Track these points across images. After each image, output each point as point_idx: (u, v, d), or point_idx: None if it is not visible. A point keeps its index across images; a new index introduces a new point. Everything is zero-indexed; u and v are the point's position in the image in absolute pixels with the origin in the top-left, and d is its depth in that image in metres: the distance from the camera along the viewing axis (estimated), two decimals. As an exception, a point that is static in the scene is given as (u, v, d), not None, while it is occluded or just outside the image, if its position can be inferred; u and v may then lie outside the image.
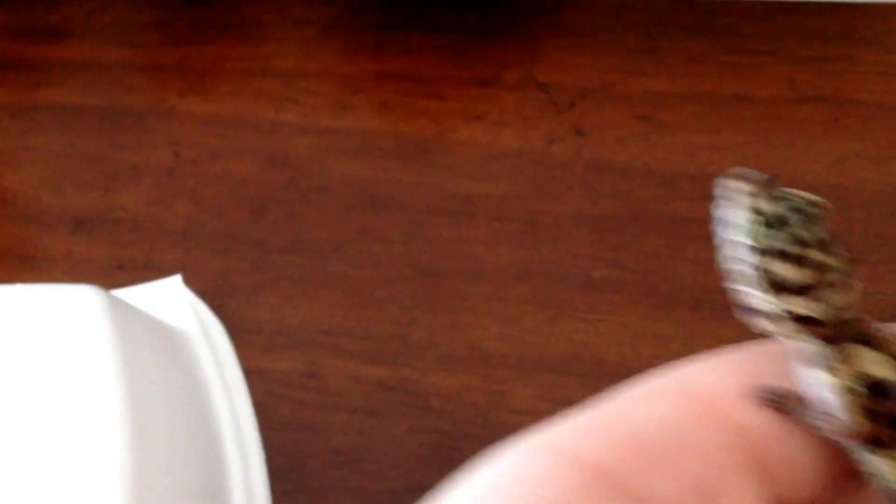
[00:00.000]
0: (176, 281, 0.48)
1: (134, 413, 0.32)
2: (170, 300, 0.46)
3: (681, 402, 0.27)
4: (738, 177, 0.29)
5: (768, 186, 0.29)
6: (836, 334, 0.28)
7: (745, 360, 0.29)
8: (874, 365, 0.28)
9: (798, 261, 0.28)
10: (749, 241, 0.28)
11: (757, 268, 0.28)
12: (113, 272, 0.51)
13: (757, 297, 0.28)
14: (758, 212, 0.28)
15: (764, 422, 0.28)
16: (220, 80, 0.58)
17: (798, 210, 0.28)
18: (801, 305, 0.28)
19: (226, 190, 0.54)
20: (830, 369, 0.29)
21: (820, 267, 0.28)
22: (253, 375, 0.47)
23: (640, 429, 0.25)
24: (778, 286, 0.28)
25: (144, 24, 0.61)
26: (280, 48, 0.59)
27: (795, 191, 0.29)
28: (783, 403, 0.28)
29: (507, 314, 0.49)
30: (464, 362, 0.48)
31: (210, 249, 0.52)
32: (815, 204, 0.28)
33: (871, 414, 0.28)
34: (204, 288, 0.49)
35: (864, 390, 0.28)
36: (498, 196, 0.53)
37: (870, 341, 0.29)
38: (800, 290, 0.28)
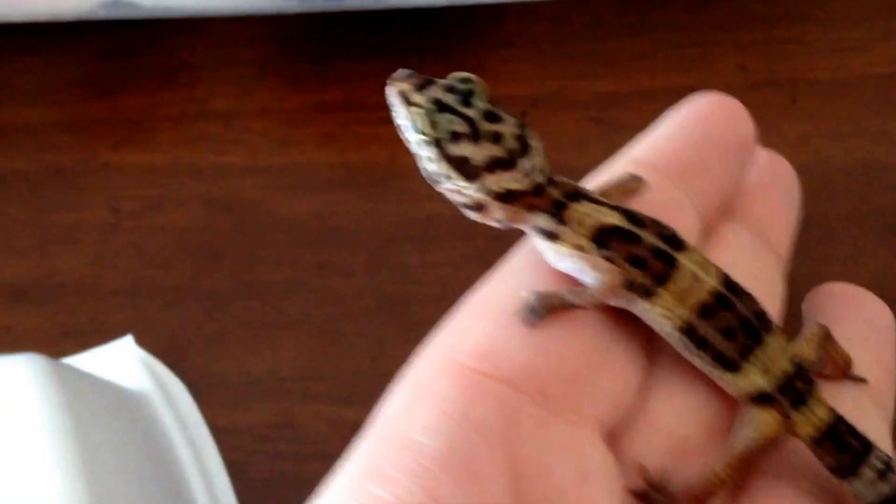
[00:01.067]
0: (127, 342, 0.44)
1: (89, 483, 0.29)
2: (122, 362, 0.42)
3: (456, 375, 0.25)
4: (393, 81, 0.27)
5: (421, 81, 0.27)
6: (553, 200, 0.27)
7: (502, 292, 0.27)
8: (598, 216, 0.27)
9: (473, 137, 0.26)
10: (420, 136, 0.26)
11: (439, 157, 0.27)
12: (58, 341, 0.47)
13: (457, 189, 0.27)
14: (415, 105, 0.26)
15: (540, 356, 0.26)
16: (155, 129, 0.55)
17: (451, 90, 0.27)
18: (496, 181, 0.26)
19: (171, 241, 0.51)
20: (553, 237, 0.27)
21: (495, 137, 0.26)
22: (222, 432, 0.43)
23: (431, 442, 0.24)
24: (470, 171, 0.26)
25: (68, 80, 0.57)
26: (215, 90, 0.56)
27: (452, 76, 0.27)
28: (549, 305, 0.27)
29: (483, 336, 0.47)
30: (444, 392, 0.45)
31: (160, 305, 0.48)
32: (465, 80, 0.27)
33: (613, 262, 0.27)
34: (158, 346, 0.46)
35: (593, 243, 0.27)
36: (459, 216, 0.50)
37: (585, 196, 0.28)
38: (490, 168, 0.26)
